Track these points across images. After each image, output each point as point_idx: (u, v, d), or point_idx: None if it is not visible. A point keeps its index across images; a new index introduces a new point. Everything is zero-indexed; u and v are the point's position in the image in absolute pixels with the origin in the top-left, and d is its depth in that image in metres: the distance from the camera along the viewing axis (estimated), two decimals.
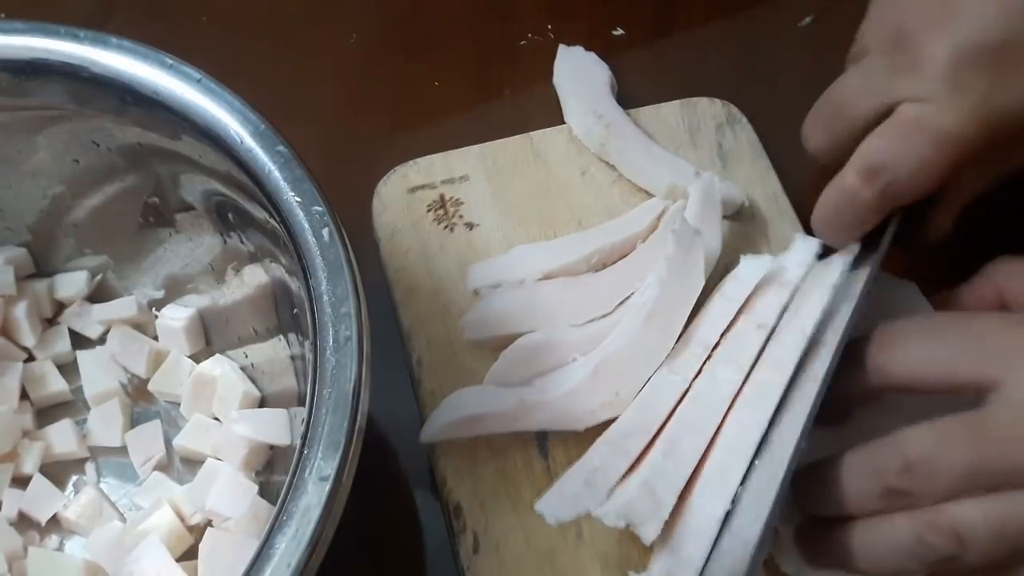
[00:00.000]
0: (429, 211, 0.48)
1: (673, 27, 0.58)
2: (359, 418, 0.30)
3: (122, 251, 0.45)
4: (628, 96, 0.52)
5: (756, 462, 0.36)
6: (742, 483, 0.36)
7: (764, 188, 0.49)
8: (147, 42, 0.36)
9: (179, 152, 0.38)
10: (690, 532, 0.36)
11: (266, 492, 0.39)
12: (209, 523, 0.40)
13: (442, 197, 0.48)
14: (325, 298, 0.32)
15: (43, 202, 0.43)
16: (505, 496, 0.40)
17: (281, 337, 0.41)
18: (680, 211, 0.45)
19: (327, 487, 0.29)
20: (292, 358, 0.40)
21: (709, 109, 0.52)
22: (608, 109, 0.50)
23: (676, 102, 0.52)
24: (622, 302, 0.44)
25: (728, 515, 0.36)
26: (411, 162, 0.49)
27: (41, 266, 0.46)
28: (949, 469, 0.32)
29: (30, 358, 0.44)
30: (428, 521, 0.42)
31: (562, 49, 0.54)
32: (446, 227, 0.48)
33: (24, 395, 0.43)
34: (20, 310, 0.44)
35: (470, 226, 0.48)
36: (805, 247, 0.43)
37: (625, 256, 0.46)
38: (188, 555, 0.40)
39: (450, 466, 0.41)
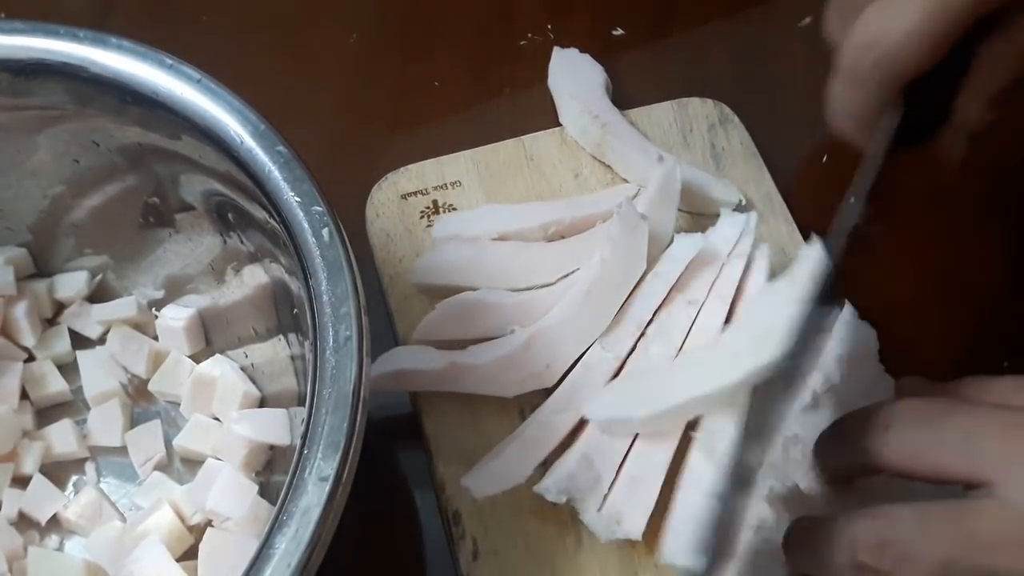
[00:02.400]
0: (423, 217, 0.48)
1: (673, 27, 0.58)
2: (359, 418, 0.30)
3: (122, 251, 0.45)
4: (628, 96, 0.52)
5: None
6: None
7: (758, 187, 0.49)
8: (147, 42, 0.36)
9: (179, 152, 0.38)
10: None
11: (266, 492, 0.39)
12: (209, 523, 0.40)
13: (435, 203, 0.48)
14: (325, 298, 0.32)
15: (43, 202, 0.43)
16: (504, 503, 0.40)
17: (281, 337, 0.41)
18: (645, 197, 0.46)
19: (327, 487, 0.29)
20: (292, 358, 0.40)
21: (701, 109, 0.52)
22: (603, 109, 0.50)
23: (668, 103, 0.52)
24: (566, 276, 0.45)
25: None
26: (403, 168, 0.49)
27: (41, 266, 0.46)
28: (925, 557, 0.31)
29: (30, 358, 0.44)
30: (428, 521, 0.42)
31: (556, 51, 0.54)
32: None
33: (24, 395, 0.43)
34: (20, 310, 0.44)
35: None
36: (731, 222, 0.44)
37: (583, 233, 0.46)
38: (188, 555, 0.39)
39: (449, 473, 0.41)
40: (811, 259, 0.41)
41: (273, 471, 0.41)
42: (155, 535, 0.38)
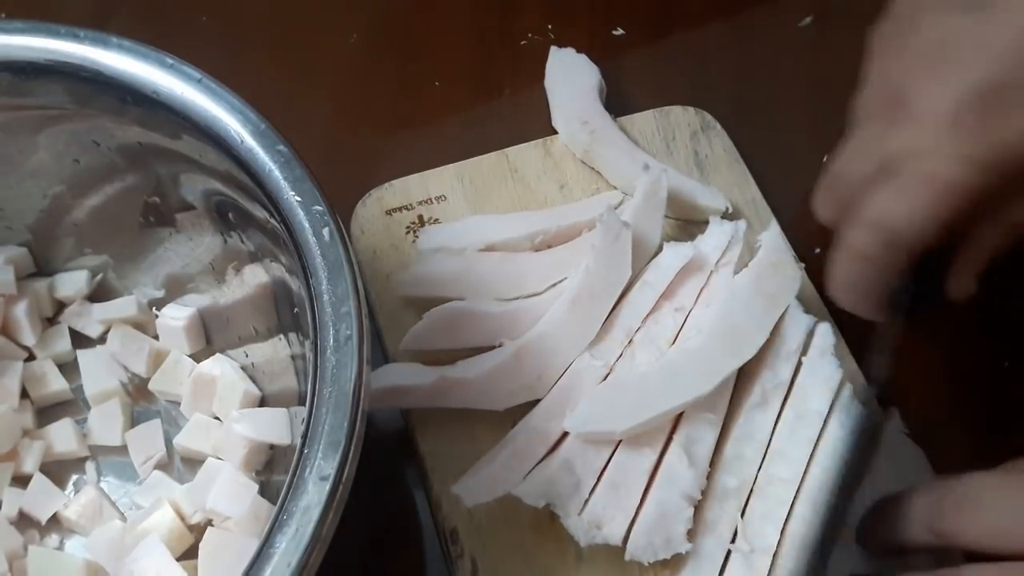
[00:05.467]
0: (408, 232, 0.47)
1: (673, 27, 0.58)
2: (359, 418, 0.30)
3: (122, 251, 0.45)
4: (628, 95, 0.52)
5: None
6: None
7: (742, 194, 0.49)
8: (147, 42, 0.36)
9: (179, 151, 0.38)
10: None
11: (266, 492, 0.39)
12: (209, 522, 0.40)
13: (420, 218, 0.48)
14: (325, 297, 0.32)
15: (43, 202, 0.43)
16: (502, 519, 0.40)
17: (281, 336, 0.41)
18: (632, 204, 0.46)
19: (327, 487, 0.29)
20: (292, 357, 0.40)
21: (683, 117, 0.52)
22: (593, 114, 0.50)
23: (650, 111, 0.52)
24: (554, 285, 0.45)
25: None
26: (386, 184, 0.49)
27: (41, 265, 0.46)
28: None
29: (30, 357, 0.44)
30: (427, 522, 0.42)
31: (553, 51, 0.53)
32: None
33: (24, 394, 0.43)
34: (20, 309, 0.44)
35: None
36: (720, 231, 0.45)
37: (569, 242, 0.46)
38: (188, 555, 0.40)
39: (445, 491, 0.41)
40: (770, 247, 0.43)
41: (273, 470, 0.41)
42: (155, 534, 0.39)
